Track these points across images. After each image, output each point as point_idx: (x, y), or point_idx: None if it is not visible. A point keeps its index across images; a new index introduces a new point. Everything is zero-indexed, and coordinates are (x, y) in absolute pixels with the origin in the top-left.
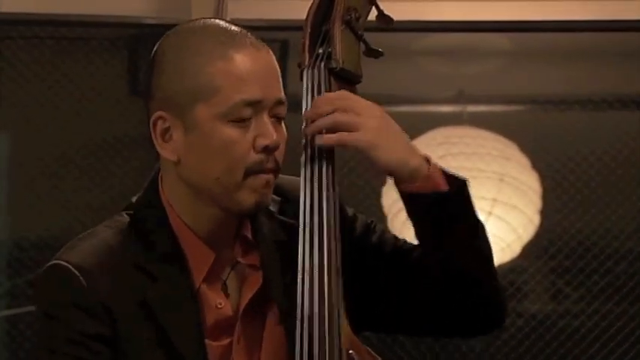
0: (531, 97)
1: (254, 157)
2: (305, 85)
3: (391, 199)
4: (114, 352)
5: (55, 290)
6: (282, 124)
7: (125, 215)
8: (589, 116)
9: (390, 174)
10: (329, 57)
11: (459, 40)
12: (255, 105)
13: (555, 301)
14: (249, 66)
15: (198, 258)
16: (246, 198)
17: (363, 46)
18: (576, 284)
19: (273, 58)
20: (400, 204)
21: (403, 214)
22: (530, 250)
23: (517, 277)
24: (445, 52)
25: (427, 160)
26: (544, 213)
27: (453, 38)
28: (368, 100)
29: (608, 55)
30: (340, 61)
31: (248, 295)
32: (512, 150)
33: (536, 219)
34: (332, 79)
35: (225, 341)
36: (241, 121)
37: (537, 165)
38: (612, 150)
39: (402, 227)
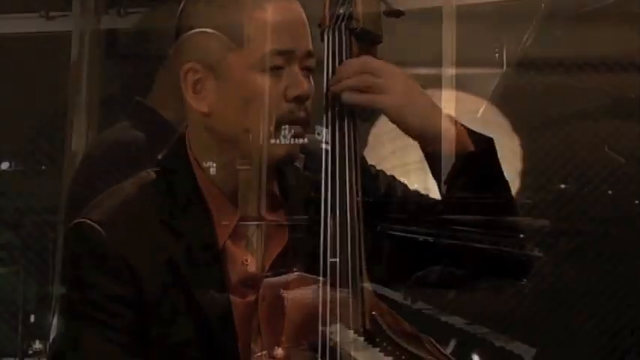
0: (512, 60)
1: (285, 106)
2: (326, 46)
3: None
4: (137, 310)
5: (78, 250)
6: (311, 77)
7: (151, 172)
8: (569, 78)
9: (416, 137)
10: (350, 17)
11: (440, 0)
12: (287, 55)
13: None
14: (281, 16)
15: (223, 214)
16: (277, 149)
17: (383, 6)
18: (555, 246)
19: (302, 10)
20: None
21: None
22: None
23: None
24: (425, 14)
25: (453, 121)
26: (524, 176)
27: None
28: None
29: (591, 16)
30: (361, 21)
31: (274, 253)
32: (491, 113)
33: (516, 182)
34: (353, 39)
35: (251, 298)
36: (273, 70)
37: (517, 128)
38: (591, 112)
39: None
